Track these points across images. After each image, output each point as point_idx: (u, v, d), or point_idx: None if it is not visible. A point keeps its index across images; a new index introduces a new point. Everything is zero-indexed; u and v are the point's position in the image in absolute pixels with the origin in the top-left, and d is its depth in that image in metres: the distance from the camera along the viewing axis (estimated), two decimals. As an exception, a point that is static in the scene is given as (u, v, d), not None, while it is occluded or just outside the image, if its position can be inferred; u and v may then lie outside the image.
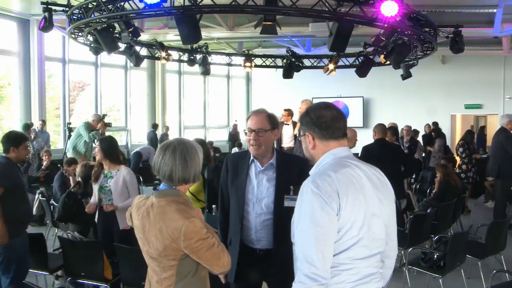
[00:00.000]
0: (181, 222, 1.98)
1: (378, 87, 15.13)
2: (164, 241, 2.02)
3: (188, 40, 6.77)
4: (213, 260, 2.05)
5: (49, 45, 11.76)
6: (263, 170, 2.70)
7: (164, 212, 2.04)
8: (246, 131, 2.72)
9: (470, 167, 8.71)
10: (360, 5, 6.26)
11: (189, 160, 2.08)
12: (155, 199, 2.11)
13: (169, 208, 2.03)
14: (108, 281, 4.00)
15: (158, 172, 2.10)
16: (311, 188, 1.77)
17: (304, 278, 1.72)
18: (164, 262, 2.07)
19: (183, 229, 1.97)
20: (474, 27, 10.09)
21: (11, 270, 3.73)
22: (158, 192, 2.12)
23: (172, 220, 2.00)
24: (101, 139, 4.55)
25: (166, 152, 2.08)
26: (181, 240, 1.98)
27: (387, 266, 1.98)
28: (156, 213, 2.06)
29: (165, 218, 2.02)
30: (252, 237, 2.69)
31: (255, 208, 2.68)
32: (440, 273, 4.30)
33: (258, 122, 2.67)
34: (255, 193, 2.68)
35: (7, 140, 3.91)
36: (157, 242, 2.04)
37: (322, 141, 1.92)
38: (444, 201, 6.24)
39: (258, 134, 2.64)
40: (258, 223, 2.67)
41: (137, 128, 14.78)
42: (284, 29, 9.11)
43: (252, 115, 2.73)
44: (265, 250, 2.69)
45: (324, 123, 1.90)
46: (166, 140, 2.22)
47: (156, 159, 2.11)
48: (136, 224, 2.17)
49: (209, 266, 2.07)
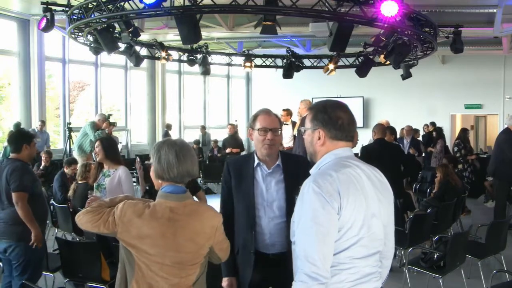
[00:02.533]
0: (215, 218, 2.13)
1: (378, 87, 15.14)
2: (200, 241, 2.07)
3: (188, 40, 6.77)
4: (224, 250, 2.24)
5: (49, 45, 11.77)
6: (270, 173, 2.63)
7: (198, 213, 2.08)
8: (257, 130, 2.60)
9: (466, 167, 8.70)
10: (360, 5, 6.26)
11: (181, 157, 2.08)
12: (174, 203, 2.04)
13: (201, 208, 2.12)
14: (106, 283, 3.99)
15: (180, 173, 2.06)
16: (312, 187, 1.78)
17: (305, 277, 1.73)
18: (192, 264, 2.08)
19: (217, 225, 2.12)
20: (474, 27, 10.09)
21: (27, 273, 3.74)
22: (178, 196, 2.07)
23: (209, 219, 2.10)
24: (101, 138, 4.54)
25: (160, 151, 2.08)
26: (215, 236, 2.11)
27: (384, 266, 1.98)
28: (188, 216, 2.04)
29: (202, 218, 2.08)
30: (267, 242, 2.59)
31: (267, 212, 2.59)
32: (440, 273, 4.30)
33: (273, 121, 2.61)
34: (265, 196, 2.60)
35: (18, 138, 3.90)
36: (191, 245, 2.04)
37: (332, 140, 1.92)
38: (444, 201, 6.23)
39: (274, 133, 2.59)
40: (272, 227, 2.58)
41: (137, 128, 14.79)
42: (284, 29, 9.11)
43: (263, 114, 2.63)
44: (278, 254, 2.59)
45: (341, 126, 1.91)
46: (161, 141, 2.17)
47: (173, 161, 2.05)
48: (148, 233, 2.00)
49: (225, 253, 2.25)
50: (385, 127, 6.35)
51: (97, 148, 4.31)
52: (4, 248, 3.77)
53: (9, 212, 3.74)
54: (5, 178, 3.71)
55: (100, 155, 4.29)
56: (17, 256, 3.74)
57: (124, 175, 4.23)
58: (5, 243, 3.76)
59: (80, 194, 5.75)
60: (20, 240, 3.73)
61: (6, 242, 3.75)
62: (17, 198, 3.66)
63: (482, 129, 17.81)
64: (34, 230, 3.71)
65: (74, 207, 5.74)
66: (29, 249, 3.74)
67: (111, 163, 4.31)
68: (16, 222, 3.70)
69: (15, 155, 3.83)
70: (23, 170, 3.76)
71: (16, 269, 3.77)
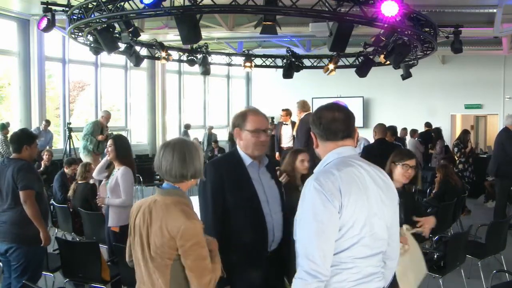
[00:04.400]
0: (183, 220, 2.01)
1: (378, 87, 15.12)
2: (162, 238, 2.03)
3: (188, 40, 6.78)
4: (196, 273, 2.02)
5: (49, 45, 11.75)
6: (263, 170, 2.64)
7: (168, 210, 2.06)
8: (248, 131, 2.53)
9: (466, 167, 8.70)
10: (360, 5, 6.25)
11: (187, 157, 2.12)
12: (160, 196, 2.14)
13: (175, 207, 2.06)
14: (106, 283, 3.99)
15: (159, 169, 2.15)
16: (313, 185, 1.79)
17: (304, 275, 1.73)
18: (159, 262, 2.06)
19: (182, 228, 2.00)
20: (474, 27, 10.08)
21: (26, 275, 3.72)
22: (163, 190, 2.15)
23: (175, 219, 2.02)
24: (115, 138, 4.38)
25: (166, 149, 2.14)
26: (178, 239, 2.00)
27: (389, 267, 1.97)
28: (159, 210, 2.08)
29: (168, 216, 2.04)
30: (271, 239, 2.55)
31: (271, 207, 2.56)
32: (440, 273, 4.29)
33: (264, 121, 2.60)
34: (267, 192, 2.58)
35: (19, 138, 3.87)
36: (155, 238, 2.05)
37: (322, 141, 1.95)
38: (444, 201, 6.23)
39: (266, 134, 2.58)
40: (275, 222, 2.56)
41: (137, 128, 14.78)
42: (284, 29, 9.10)
43: (253, 115, 2.58)
44: (274, 250, 2.56)
45: (322, 124, 1.92)
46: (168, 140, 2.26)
47: (157, 157, 2.17)
48: (137, 222, 2.16)
49: (188, 276, 2.03)
50: (385, 127, 6.36)
51: (109, 148, 4.22)
52: (5, 250, 3.76)
53: (12, 214, 3.73)
54: (12, 177, 3.68)
55: (112, 155, 4.21)
56: (17, 258, 3.73)
57: (120, 175, 4.16)
58: (6, 244, 3.75)
59: (80, 194, 5.76)
60: (22, 242, 3.72)
61: (7, 243, 3.74)
62: (26, 196, 3.65)
63: (482, 129, 17.80)
64: (42, 229, 3.72)
65: (74, 207, 5.75)
66: (29, 251, 3.73)
67: (119, 163, 4.24)
68: (19, 224, 3.70)
69: (16, 155, 3.82)
70: (28, 169, 3.76)
71: (15, 271, 3.76)
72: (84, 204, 5.55)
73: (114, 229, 4.15)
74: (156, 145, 15.07)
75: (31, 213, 3.66)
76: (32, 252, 3.74)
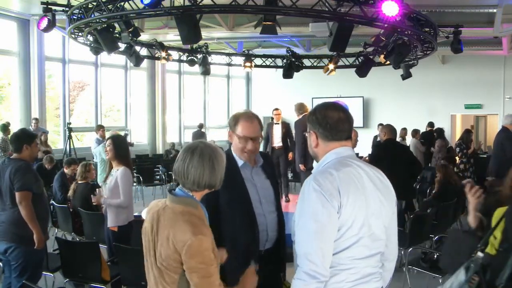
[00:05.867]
0: (189, 236, 1.83)
1: (378, 87, 15.13)
2: (168, 250, 1.88)
3: (188, 40, 6.77)
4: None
5: (49, 45, 11.76)
6: (257, 169, 2.64)
7: (175, 219, 1.90)
8: (237, 137, 2.51)
9: (468, 167, 8.70)
10: (360, 5, 6.25)
11: (216, 165, 1.97)
12: (170, 203, 1.97)
13: (183, 218, 1.89)
14: (106, 283, 3.99)
15: (184, 176, 1.95)
16: (312, 185, 1.78)
17: (303, 275, 1.73)
18: (166, 274, 1.93)
19: (188, 243, 1.83)
20: (474, 27, 10.08)
21: (25, 274, 3.72)
22: (175, 197, 1.97)
23: (182, 232, 1.85)
24: (113, 137, 4.36)
25: (194, 155, 1.95)
26: (182, 254, 1.85)
27: (387, 269, 1.97)
28: (167, 218, 1.92)
29: (175, 226, 1.88)
30: (264, 238, 2.54)
31: (264, 207, 2.56)
32: (440, 273, 4.30)
33: (255, 129, 2.53)
34: (260, 192, 2.58)
35: (19, 138, 3.87)
36: (161, 248, 1.91)
37: (324, 141, 1.93)
38: (444, 201, 6.23)
39: (255, 142, 2.53)
40: (269, 222, 2.56)
41: (137, 128, 14.78)
42: (284, 29, 9.10)
43: (245, 121, 2.53)
44: (268, 250, 2.56)
45: (329, 124, 1.91)
46: (190, 142, 2.07)
47: (182, 162, 1.96)
48: (146, 226, 2.01)
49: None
50: (394, 127, 6.37)
51: (108, 147, 4.22)
52: (5, 249, 3.76)
53: (10, 214, 3.73)
54: (9, 178, 3.69)
55: (110, 154, 4.21)
56: (17, 257, 3.74)
57: (120, 175, 4.15)
58: (5, 244, 3.75)
59: (80, 194, 5.76)
60: (20, 242, 3.72)
61: (6, 243, 3.74)
62: (21, 197, 3.65)
63: (482, 129, 17.80)
64: (35, 231, 3.70)
65: (74, 207, 5.75)
66: (29, 251, 3.73)
67: (118, 163, 4.23)
68: (17, 224, 3.70)
69: (16, 155, 3.83)
70: (26, 170, 3.76)
71: (14, 270, 3.76)
72: (84, 204, 5.55)
73: (113, 229, 4.15)
74: (156, 145, 15.08)
75: (25, 214, 3.65)
76: (31, 252, 3.74)
